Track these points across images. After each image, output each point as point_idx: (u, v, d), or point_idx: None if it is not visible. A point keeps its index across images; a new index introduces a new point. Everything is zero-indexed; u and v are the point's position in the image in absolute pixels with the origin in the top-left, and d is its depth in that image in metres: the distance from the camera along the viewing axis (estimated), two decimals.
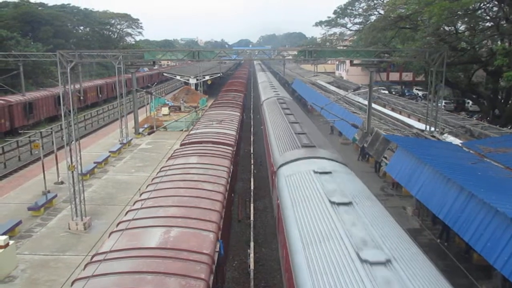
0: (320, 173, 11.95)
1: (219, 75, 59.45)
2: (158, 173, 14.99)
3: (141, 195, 12.71)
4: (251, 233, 14.92)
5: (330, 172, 12.01)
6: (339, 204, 9.47)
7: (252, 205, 17.72)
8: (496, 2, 24.54)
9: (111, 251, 8.66)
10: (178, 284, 7.63)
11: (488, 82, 32.84)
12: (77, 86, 15.44)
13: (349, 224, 8.35)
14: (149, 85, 71.85)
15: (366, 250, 7.15)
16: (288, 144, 16.49)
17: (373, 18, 37.01)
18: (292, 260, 8.13)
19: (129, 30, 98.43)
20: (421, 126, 24.24)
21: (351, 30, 42.59)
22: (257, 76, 70.85)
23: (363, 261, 6.88)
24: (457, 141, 20.08)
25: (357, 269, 6.71)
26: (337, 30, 44.61)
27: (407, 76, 63.87)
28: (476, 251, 10.97)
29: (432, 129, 21.20)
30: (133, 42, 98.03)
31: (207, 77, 56.80)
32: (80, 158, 16.84)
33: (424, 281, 6.61)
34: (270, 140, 19.26)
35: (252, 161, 24.22)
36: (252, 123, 36.47)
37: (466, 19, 25.95)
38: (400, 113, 33.86)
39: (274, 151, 16.77)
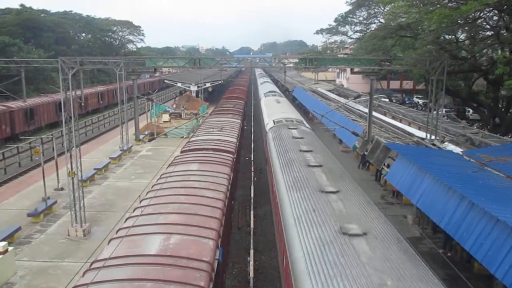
0: (291, 128, 21.05)
1: (220, 82, 59.53)
2: (158, 180, 14.96)
3: (141, 202, 12.68)
4: (251, 241, 14.89)
5: (297, 128, 21.17)
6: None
7: (252, 212, 17.70)
8: (496, 12, 24.63)
9: (110, 258, 8.62)
10: None
11: (489, 90, 32.82)
12: (78, 92, 15.43)
13: (302, 143, 16.60)
14: (150, 92, 72.03)
15: (311, 158, 14.45)
16: (275, 117, 24.83)
17: (373, 26, 37.20)
18: (274, 173, 14.44)
19: (130, 37, 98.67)
20: (422, 134, 24.22)
21: (351, 38, 42.73)
22: (258, 81, 72.09)
23: (309, 165, 13.70)
24: (457, 150, 20.03)
25: (304, 170, 13.18)
26: (337, 38, 44.86)
27: (408, 84, 63.88)
28: (477, 260, 10.91)
29: (433, 137, 21.19)
30: (135, 49, 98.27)
31: (208, 84, 56.91)
32: (81, 165, 16.85)
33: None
34: (264, 116, 28.92)
35: (252, 168, 24.20)
36: (252, 130, 36.47)
37: (466, 28, 26.04)
38: (401, 121, 33.83)
39: (266, 121, 25.64)
